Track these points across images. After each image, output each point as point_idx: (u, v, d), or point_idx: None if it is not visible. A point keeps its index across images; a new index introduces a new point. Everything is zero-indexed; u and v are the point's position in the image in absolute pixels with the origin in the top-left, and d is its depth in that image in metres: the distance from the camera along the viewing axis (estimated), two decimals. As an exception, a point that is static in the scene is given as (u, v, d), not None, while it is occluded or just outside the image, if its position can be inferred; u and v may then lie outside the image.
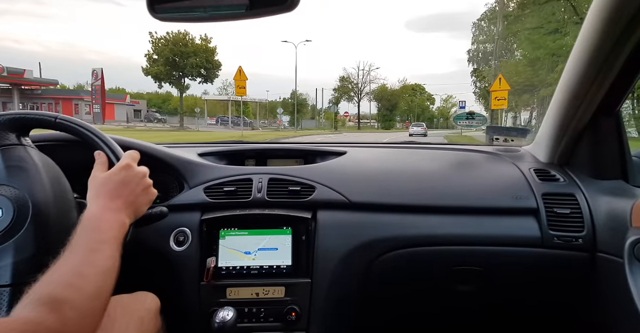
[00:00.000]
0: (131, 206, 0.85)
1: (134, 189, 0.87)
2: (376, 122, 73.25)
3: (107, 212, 0.80)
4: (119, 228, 0.79)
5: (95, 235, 0.75)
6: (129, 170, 0.89)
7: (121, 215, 0.81)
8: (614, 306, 1.14)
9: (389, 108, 66.99)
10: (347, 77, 65.73)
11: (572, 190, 1.32)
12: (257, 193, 1.31)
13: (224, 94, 56.54)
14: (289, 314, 1.21)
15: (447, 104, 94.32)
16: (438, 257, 1.30)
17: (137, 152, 0.98)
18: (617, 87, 1.18)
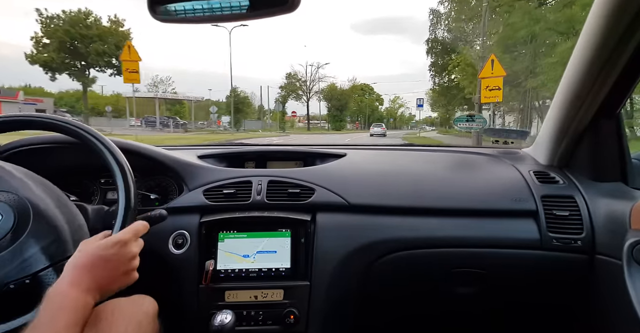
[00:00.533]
0: (101, 288, 0.81)
1: (113, 272, 0.83)
2: (327, 123, 69.96)
3: (74, 291, 0.75)
4: (84, 311, 0.75)
5: (60, 316, 0.71)
6: (121, 249, 0.85)
7: (87, 296, 0.77)
8: (613, 308, 1.14)
9: (339, 108, 64.42)
10: (295, 74, 61.51)
11: (571, 193, 1.32)
12: (257, 196, 1.31)
13: (155, 92, 47.92)
14: (287, 317, 1.21)
15: (395, 104, 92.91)
16: (437, 259, 1.30)
17: (145, 225, 0.95)
18: (618, 89, 1.18)
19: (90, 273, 0.79)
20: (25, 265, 0.81)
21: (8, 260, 0.80)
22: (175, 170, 1.37)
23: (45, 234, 0.86)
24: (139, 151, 1.32)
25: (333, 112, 64.30)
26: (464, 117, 3.09)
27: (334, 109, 63.99)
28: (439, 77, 38.05)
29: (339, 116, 64.18)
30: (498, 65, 7.74)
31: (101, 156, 1.02)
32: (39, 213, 0.88)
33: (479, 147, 1.83)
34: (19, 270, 0.81)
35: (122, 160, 1.02)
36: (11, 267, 0.80)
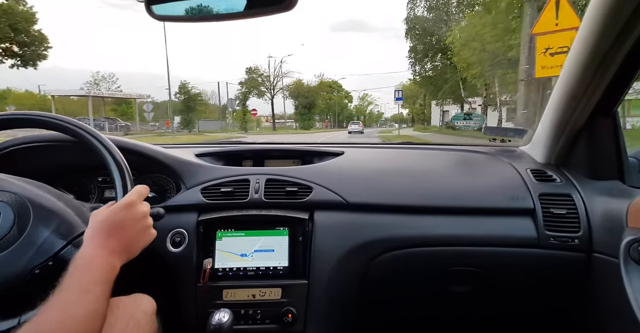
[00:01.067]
0: (125, 248, 0.85)
1: (131, 231, 0.87)
2: (294, 122, 66.12)
3: (101, 253, 0.79)
4: (110, 271, 0.78)
5: (87, 277, 0.74)
6: (130, 210, 0.88)
7: (113, 257, 0.80)
8: (610, 306, 1.14)
9: (307, 106, 60.25)
10: (256, 69, 55.52)
11: (568, 191, 1.32)
12: (254, 194, 1.31)
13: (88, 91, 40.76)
14: (285, 316, 1.21)
15: (364, 102, 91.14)
16: (435, 257, 1.30)
17: (146, 188, 0.97)
18: (615, 88, 1.18)
19: (110, 237, 0.82)
20: (42, 250, 0.84)
21: (23, 250, 0.83)
22: (173, 169, 1.37)
23: (50, 219, 0.89)
24: (136, 149, 1.32)
25: (301, 111, 61.02)
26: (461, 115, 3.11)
27: (301, 107, 60.74)
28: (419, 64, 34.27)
29: (307, 115, 60.77)
30: (568, 9, 4.16)
31: (99, 154, 1.02)
32: (37, 205, 0.89)
33: (476, 145, 1.83)
34: (39, 255, 0.83)
35: (119, 158, 1.02)
36: (30, 255, 0.83)
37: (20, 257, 0.82)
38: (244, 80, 54.99)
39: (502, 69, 18.04)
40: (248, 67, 56.31)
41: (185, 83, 42.42)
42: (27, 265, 0.82)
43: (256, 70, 55.63)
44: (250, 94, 54.89)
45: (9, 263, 0.81)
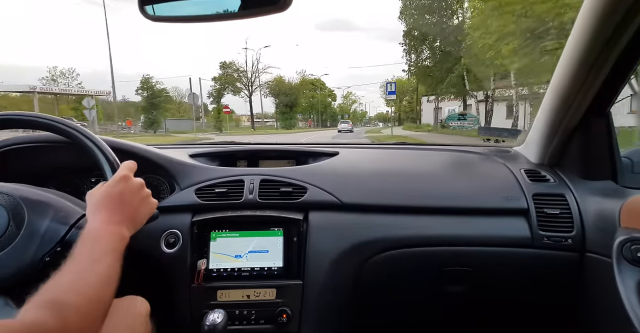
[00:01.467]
0: (131, 219, 0.86)
1: (132, 201, 0.88)
2: (275, 121, 60.97)
3: (107, 225, 0.80)
4: (120, 241, 0.79)
5: (96, 247, 0.75)
6: (126, 182, 0.89)
7: (121, 227, 0.82)
8: (603, 305, 1.15)
9: (288, 104, 55.47)
10: (231, 63, 50.30)
11: (562, 191, 1.33)
12: (249, 195, 1.31)
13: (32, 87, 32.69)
14: (280, 316, 1.21)
15: (348, 100, 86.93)
16: (429, 257, 1.31)
17: (134, 162, 0.97)
18: (608, 88, 1.19)
19: (113, 211, 0.83)
20: (47, 239, 0.87)
21: (27, 243, 0.85)
22: (167, 169, 1.36)
23: (45, 210, 0.91)
24: (129, 150, 1.32)
25: (282, 109, 56.09)
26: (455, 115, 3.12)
27: (282, 106, 55.89)
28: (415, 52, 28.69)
29: (289, 113, 56.19)
30: None
31: (92, 155, 1.02)
32: (29, 200, 0.91)
33: (470, 146, 1.84)
34: (45, 244, 0.86)
35: (112, 159, 1.02)
36: (35, 246, 0.85)
37: (26, 250, 0.84)
38: (218, 76, 50.06)
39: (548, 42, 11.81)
40: (222, 62, 51.32)
41: (148, 77, 39.10)
42: (36, 255, 0.84)
43: (231, 64, 50.81)
44: (225, 91, 50.58)
45: (15, 258, 0.83)
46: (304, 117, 69.79)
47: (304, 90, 63.67)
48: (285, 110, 55.34)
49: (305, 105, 65.81)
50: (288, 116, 55.60)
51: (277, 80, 55.91)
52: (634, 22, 0.98)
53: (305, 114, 69.76)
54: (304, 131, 44.89)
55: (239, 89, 51.54)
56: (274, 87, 55.41)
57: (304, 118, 69.41)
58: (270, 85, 55.29)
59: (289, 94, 55.26)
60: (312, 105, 68.22)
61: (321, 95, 71.04)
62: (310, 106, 68.37)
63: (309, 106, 68.20)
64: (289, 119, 55.71)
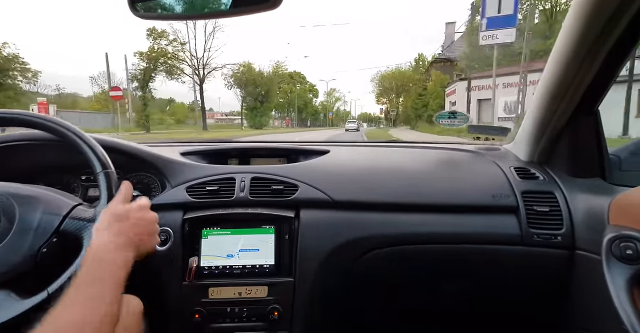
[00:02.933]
0: (135, 247, 0.86)
1: (142, 232, 0.89)
2: (242, 119, 51.27)
3: (113, 247, 0.80)
4: (123, 265, 0.79)
5: (99, 269, 0.75)
6: (146, 212, 0.92)
7: (127, 251, 0.82)
8: (593, 302, 1.16)
9: (259, 98, 45.83)
10: (164, 32, 35.24)
11: (551, 188, 1.34)
12: (240, 193, 1.31)
13: None
14: (271, 314, 1.21)
15: (331, 97, 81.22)
16: (420, 255, 1.31)
17: (148, 200, 1.00)
18: (596, 86, 1.19)
19: (124, 233, 0.84)
20: (41, 231, 0.88)
21: (21, 237, 0.86)
22: (158, 167, 1.36)
23: (35, 204, 0.92)
24: (120, 148, 1.31)
25: (250, 104, 46.69)
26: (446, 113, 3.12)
27: (250, 99, 46.55)
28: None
29: (259, 109, 46.59)
30: None
31: (82, 153, 1.01)
32: (18, 195, 0.92)
33: (460, 144, 1.85)
34: (39, 236, 0.88)
35: (102, 157, 1.01)
36: (30, 239, 0.87)
37: (21, 244, 0.85)
38: (147, 50, 34.80)
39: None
40: (150, 29, 34.84)
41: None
42: (32, 247, 0.86)
43: (164, 34, 35.50)
44: (155, 72, 34.96)
45: (10, 252, 0.84)
46: (281, 115, 65.12)
47: (279, 84, 54.89)
48: (254, 106, 46.79)
49: (281, 100, 59.83)
50: (258, 113, 46.94)
51: (245, 66, 45.38)
52: (622, 19, 0.98)
53: (282, 110, 64.77)
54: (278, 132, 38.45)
55: (174, 71, 36.89)
56: (240, 76, 44.64)
57: (281, 116, 65.22)
58: (236, 74, 44.88)
59: (259, 84, 45.85)
60: (289, 101, 62.01)
61: (301, 90, 65.89)
62: (288, 102, 62.52)
63: (286, 102, 62.60)
64: (259, 116, 47.06)
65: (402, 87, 57.85)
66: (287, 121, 62.07)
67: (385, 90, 59.30)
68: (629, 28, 1.00)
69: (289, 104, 62.85)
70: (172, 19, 0.95)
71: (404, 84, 57.18)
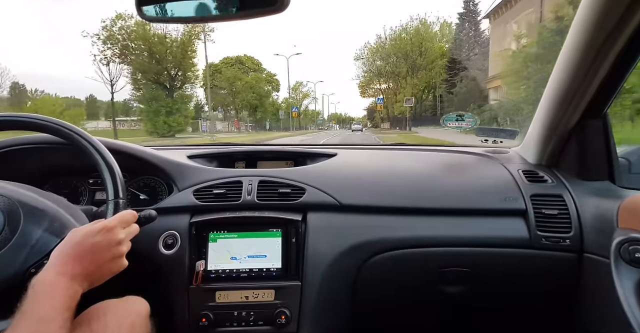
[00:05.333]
0: (89, 276, 0.80)
1: (100, 257, 0.82)
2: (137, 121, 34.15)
3: (62, 280, 0.75)
4: (72, 298, 0.74)
5: (48, 302, 0.71)
6: (107, 234, 0.84)
7: (75, 284, 0.76)
8: (601, 306, 1.15)
9: (160, 81, 28.64)
10: None
11: (560, 192, 1.33)
12: (247, 196, 1.31)
13: None
14: (278, 317, 1.21)
15: (297, 93, 61.63)
16: (428, 258, 1.31)
17: (133, 214, 0.93)
18: (605, 89, 1.19)
19: (76, 261, 0.78)
20: (37, 249, 0.85)
21: (17, 251, 0.83)
22: (165, 171, 1.36)
23: (41, 218, 0.89)
24: (127, 151, 1.32)
25: (149, 93, 27.59)
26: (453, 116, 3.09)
27: (147, 83, 28.32)
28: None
29: (166, 103, 27.17)
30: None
31: (89, 156, 1.02)
32: (27, 206, 0.89)
33: (468, 147, 1.84)
34: (34, 254, 0.84)
35: (109, 159, 1.01)
36: (24, 255, 0.83)
37: (15, 258, 0.82)
38: None
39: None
40: None
41: None
42: (23, 264, 0.82)
43: None
44: None
45: (4, 264, 0.81)
46: (226, 114, 46.73)
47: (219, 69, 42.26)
48: (156, 95, 27.32)
49: (223, 92, 43.24)
50: (163, 108, 26.86)
51: (120, 18, 26.94)
52: (632, 22, 0.98)
53: (228, 106, 45.66)
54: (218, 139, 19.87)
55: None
56: (120, 36, 27.27)
57: (225, 116, 46.53)
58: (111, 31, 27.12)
59: (161, 57, 28.12)
60: (235, 93, 43.73)
61: (253, 78, 46.84)
62: (233, 94, 43.78)
63: (230, 93, 43.84)
64: (166, 114, 26.87)
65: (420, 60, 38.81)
66: (235, 123, 43.50)
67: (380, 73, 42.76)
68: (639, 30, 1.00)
69: (233, 95, 43.69)
70: (179, 21, 0.95)
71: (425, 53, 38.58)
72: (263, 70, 51.50)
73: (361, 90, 51.42)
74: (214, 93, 39.23)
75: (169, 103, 27.33)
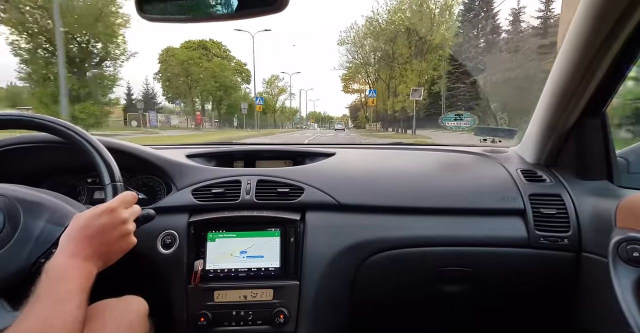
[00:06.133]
0: (101, 255, 0.82)
1: (108, 237, 0.84)
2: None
3: (75, 262, 0.77)
4: (86, 279, 0.76)
5: (62, 285, 0.72)
6: (111, 215, 0.86)
7: (89, 264, 0.79)
8: (599, 305, 1.15)
9: (73, 55, 19.07)
10: None
11: (558, 191, 1.33)
12: (246, 195, 1.31)
13: None
14: (277, 317, 1.21)
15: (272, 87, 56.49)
16: (427, 258, 1.31)
17: (134, 195, 0.95)
18: (604, 88, 1.19)
19: (85, 243, 0.80)
20: (42, 239, 0.86)
21: (22, 245, 0.85)
22: (164, 170, 1.36)
23: (41, 211, 0.90)
24: (126, 150, 1.32)
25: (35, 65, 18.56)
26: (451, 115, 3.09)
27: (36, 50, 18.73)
28: None
29: (73, 88, 18.37)
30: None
31: (88, 155, 1.02)
32: (24, 201, 0.90)
33: (467, 146, 1.84)
34: (40, 245, 0.86)
35: (109, 160, 1.01)
36: (31, 247, 0.85)
37: (21, 252, 0.84)
38: None
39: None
40: None
41: None
42: (30, 257, 0.84)
43: None
44: None
45: (10, 259, 0.83)
46: (185, 107, 41.20)
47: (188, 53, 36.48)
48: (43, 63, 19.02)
49: (181, 80, 36.93)
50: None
51: None
52: (631, 20, 0.98)
53: (185, 99, 40.19)
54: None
55: None
56: None
57: (185, 110, 41.13)
58: None
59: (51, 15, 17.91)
60: (192, 82, 38.56)
61: (216, 65, 40.01)
62: (188, 82, 38.33)
63: (185, 83, 38.05)
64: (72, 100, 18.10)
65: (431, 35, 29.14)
66: (198, 118, 37.76)
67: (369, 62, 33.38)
68: (638, 28, 1.00)
69: (188, 83, 37.93)
70: (179, 21, 0.95)
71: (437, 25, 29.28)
72: (232, 58, 45.44)
73: (344, 85, 47.69)
74: (169, 81, 35.48)
75: (74, 84, 18.53)
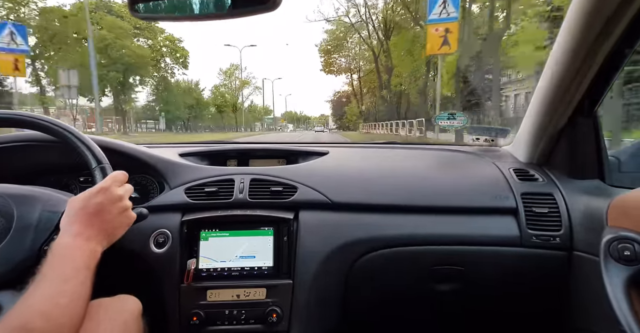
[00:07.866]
0: (105, 233, 0.85)
1: (108, 215, 0.86)
2: None
3: (79, 241, 0.79)
4: (91, 257, 0.78)
5: (68, 263, 0.74)
6: (106, 193, 0.87)
7: (93, 243, 0.81)
8: (591, 303, 1.16)
9: None
10: None
11: (550, 190, 1.34)
12: (239, 194, 1.31)
13: None
14: (270, 316, 1.21)
15: (231, 80, 46.65)
16: (420, 256, 1.31)
17: (125, 174, 0.96)
18: (596, 88, 1.20)
19: (86, 223, 0.82)
20: (42, 227, 0.89)
21: (22, 235, 0.87)
22: (156, 168, 1.36)
23: (33, 202, 0.92)
24: (119, 149, 1.31)
25: None
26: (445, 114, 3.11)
27: None
28: None
29: None
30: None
31: (80, 154, 1.01)
32: (14, 195, 0.92)
33: (459, 145, 1.85)
34: (41, 233, 0.88)
35: (101, 158, 1.01)
36: (32, 236, 0.87)
37: (23, 241, 0.86)
38: None
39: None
40: None
41: None
42: (33, 245, 0.86)
43: None
44: None
45: (13, 250, 0.85)
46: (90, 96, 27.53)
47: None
48: None
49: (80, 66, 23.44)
50: None
51: None
52: (622, 20, 0.98)
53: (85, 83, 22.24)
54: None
55: None
56: None
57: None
58: None
59: None
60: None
61: (108, 26, 29.11)
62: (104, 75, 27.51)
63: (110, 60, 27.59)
64: None
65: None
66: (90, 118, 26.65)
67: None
68: (629, 29, 1.00)
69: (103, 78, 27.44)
70: (171, 20, 0.95)
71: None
72: (162, 30, 32.62)
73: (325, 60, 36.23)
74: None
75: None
